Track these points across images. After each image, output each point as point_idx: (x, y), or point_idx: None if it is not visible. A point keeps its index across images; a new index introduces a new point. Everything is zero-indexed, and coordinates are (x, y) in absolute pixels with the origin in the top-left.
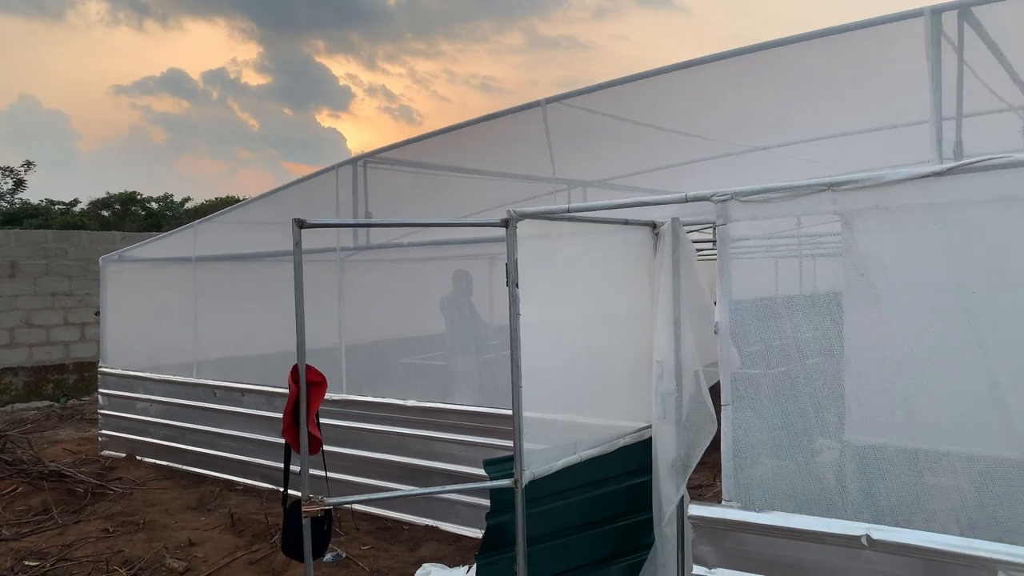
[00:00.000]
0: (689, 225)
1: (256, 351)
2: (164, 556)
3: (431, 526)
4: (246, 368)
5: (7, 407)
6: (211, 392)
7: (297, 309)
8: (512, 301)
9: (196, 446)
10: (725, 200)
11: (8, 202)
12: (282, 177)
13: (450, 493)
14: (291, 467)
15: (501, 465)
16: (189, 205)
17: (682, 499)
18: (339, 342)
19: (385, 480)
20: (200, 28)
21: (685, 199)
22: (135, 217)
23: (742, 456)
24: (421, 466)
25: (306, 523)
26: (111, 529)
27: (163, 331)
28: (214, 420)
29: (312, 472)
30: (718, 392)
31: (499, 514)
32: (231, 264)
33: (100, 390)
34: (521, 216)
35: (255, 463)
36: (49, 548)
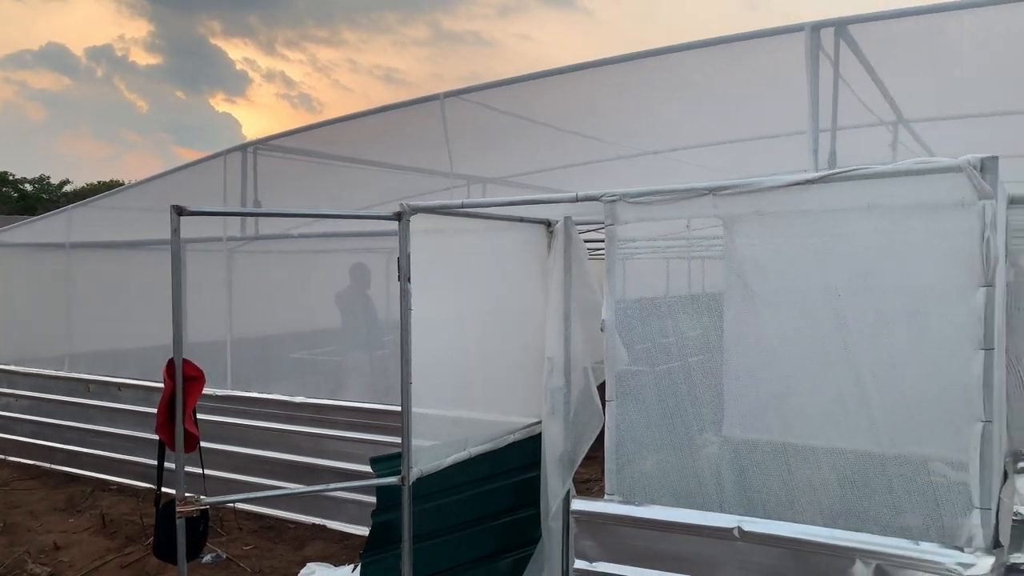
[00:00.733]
0: (585, 224)
1: (135, 344)
2: (26, 561)
3: (319, 525)
4: (124, 362)
5: None
6: (84, 386)
7: (174, 300)
8: (404, 296)
9: (67, 444)
10: (614, 201)
11: None
12: (172, 162)
13: (339, 491)
14: (166, 465)
15: (389, 462)
16: (68, 188)
17: (568, 494)
18: (226, 336)
19: (273, 478)
20: (84, 1)
21: (576, 199)
22: (6, 199)
23: (625, 451)
24: (311, 464)
25: (180, 523)
26: None
27: (32, 322)
28: (87, 416)
29: (189, 470)
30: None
31: (385, 512)
32: (109, 252)
33: None
34: (414, 210)
35: (131, 461)
36: None
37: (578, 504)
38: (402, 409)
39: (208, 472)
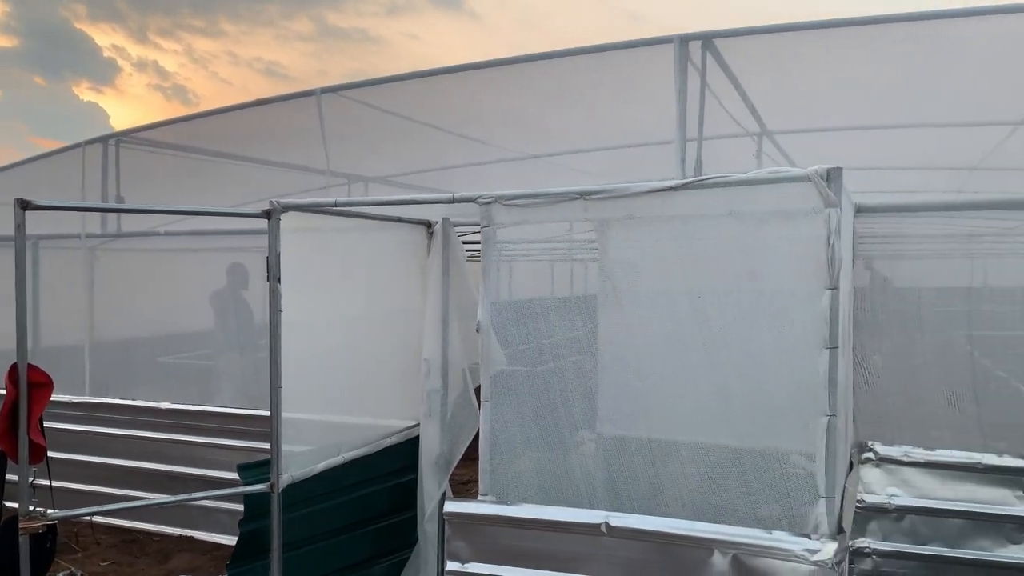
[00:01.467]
0: (468, 225)
1: None
2: None
3: (186, 536)
4: None
5: None
6: None
7: (18, 301)
8: (273, 297)
9: None
10: (489, 203)
11: None
12: (28, 153)
13: (208, 500)
14: (7, 477)
15: (257, 469)
16: None
17: (444, 496)
18: (85, 339)
19: (138, 489)
20: None
21: (452, 200)
22: None
23: (499, 452)
24: (179, 473)
25: (23, 541)
26: None
27: None
28: None
29: (36, 483)
30: None
31: (254, 520)
32: None
33: None
34: (285, 208)
35: None
36: None
37: (450, 506)
38: (271, 414)
39: (63, 484)
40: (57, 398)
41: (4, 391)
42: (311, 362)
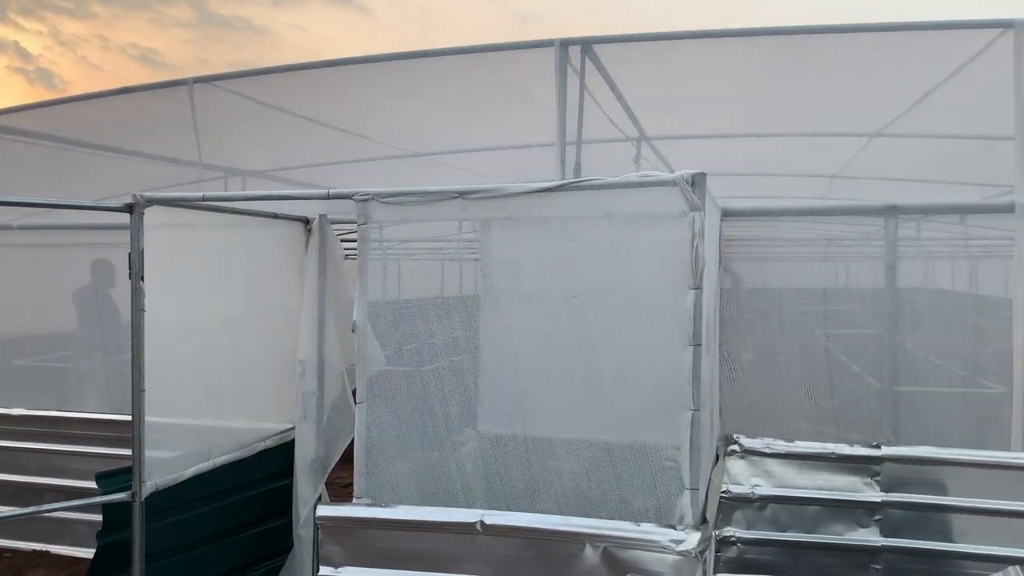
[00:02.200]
0: (350, 223)
1: None
2: None
3: (40, 551)
4: None
5: None
6: None
7: None
8: (136, 295)
9: None
10: (366, 200)
11: None
12: None
13: (64, 511)
14: None
15: (118, 477)
16: None
17: (320, 500)
18: None
19: None
20: None
21: (328, 196)
22: None
23: (375, 453)
24: (34, 484)
25: None
26: None
27: None
28: None
29: None
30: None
31: (114, 531)
32: None
33: None
34: (149, 202)
35: None
36: None
37: (323, 510)
38: (133, 418)
39: None
40: None
41: None
42: (179, 363)
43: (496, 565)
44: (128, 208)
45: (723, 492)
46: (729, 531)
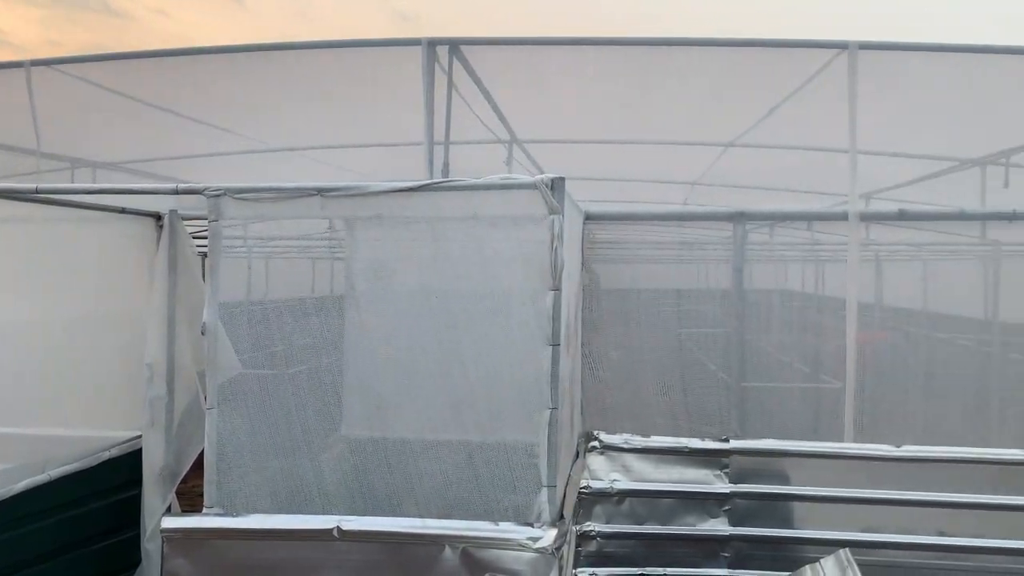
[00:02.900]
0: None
1: None
2: None
3: None
4: None
5: None
6: None
7: None
8: None
9: None
10: (218, 196)
11: None
12: None
13: None
14: None
15: None
16: None
17: (170, 511)
18: None
19: None
20: None
21: (176, 191)
22: None
23: (227, 461)
24: None
25: None
26: None
27: None
28: None
29: None
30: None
31: None
32: None
33: None
34: None
35: None
36: None
37: (168, 521)
38: None
39: None
40: None
41: None
42: (9, 368)
43: (354, 571)
44: None
45: (583, 488)
46: (589, 526)
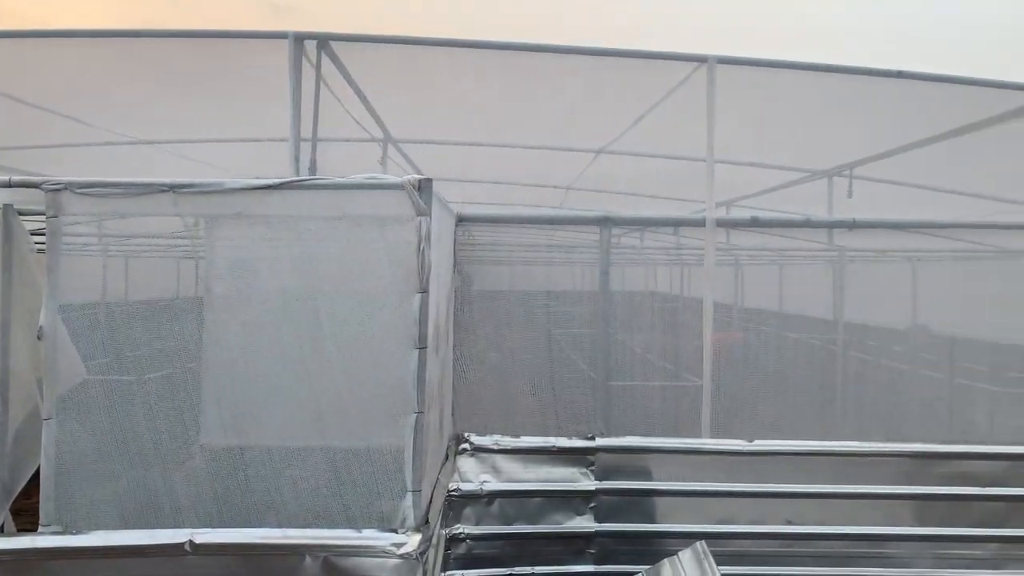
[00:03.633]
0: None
1: None
2: None
3: None
4: None
5: None
6: None
7: None
8: None
9: None
10: (58, 190)
11: None
12: None
13: None
14: None
15: None
16: None
17: (1, 531)
18: None
19: None
20: None
21: (10, 184)
22: None
23: (68, 475)
24: None
25: None
26: None
27: None
28: None
29: None
30: None
31: None
32: None
33: None
34: None
35: None
36: None
37: None
38: None
39: None
40: None
41: None
42: None
43: None
44: None
45: (453, 490)
46: (459, 528)
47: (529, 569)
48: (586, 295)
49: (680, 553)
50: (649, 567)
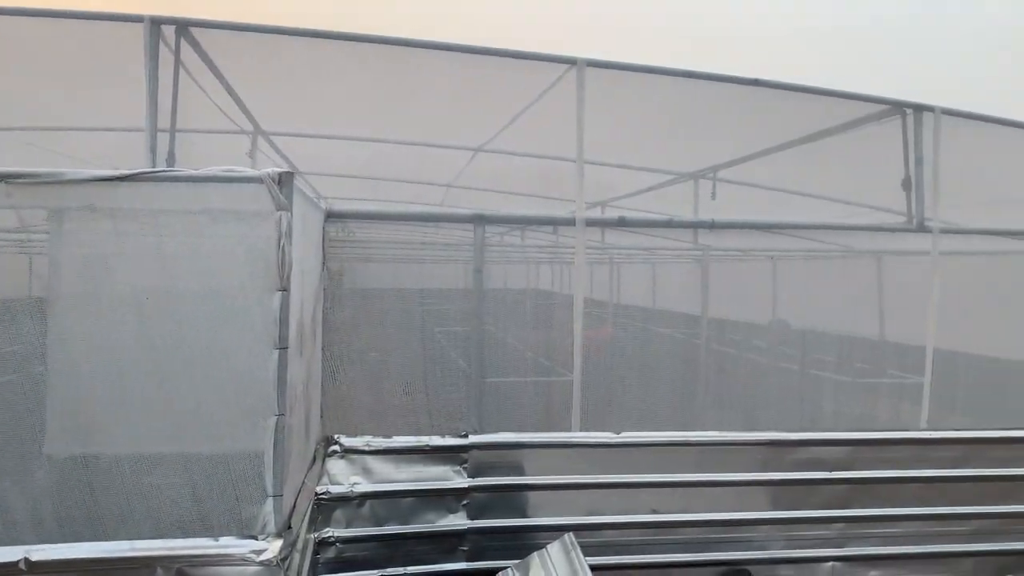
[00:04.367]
0: None
1: None
2: None
3: None
4: None
5: None
6: None
7: None
8: None
9: None
10: None
11: None
12: None
13: None
14: None
15: None
16: None
17: None
18: None
19: None
20: None
21: None
22: None
23: None
24: None
25: None
26: None
27: None
28: None
29: None
30: None
31: None
32: None
33: None
34: None
35: None
36: None
37: None
38: None
39: None
40: None
41: None
42: None
43: None
44: None
45: (322, 493)
46: (328, 532)
47: (401, 569)
48: (464, 293)
49: (549, 546)
50: (519, 561)
